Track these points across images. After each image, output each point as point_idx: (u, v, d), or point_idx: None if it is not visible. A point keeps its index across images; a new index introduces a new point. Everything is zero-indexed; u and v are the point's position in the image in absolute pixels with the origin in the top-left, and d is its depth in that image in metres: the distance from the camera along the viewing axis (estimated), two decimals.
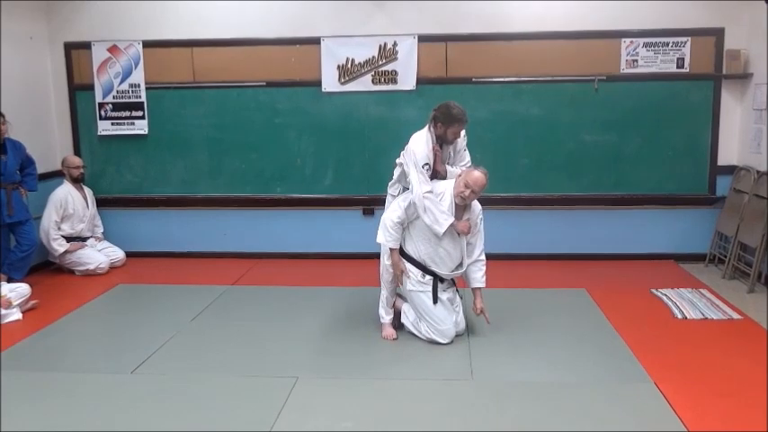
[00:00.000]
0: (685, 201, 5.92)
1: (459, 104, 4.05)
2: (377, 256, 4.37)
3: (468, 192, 3.90)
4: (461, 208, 4.02)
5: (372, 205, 5.95)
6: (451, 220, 3.93)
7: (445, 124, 4.01)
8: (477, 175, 3.91)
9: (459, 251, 4.08)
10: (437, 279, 4.10)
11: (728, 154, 5.83)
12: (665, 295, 4.95)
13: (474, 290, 4.21)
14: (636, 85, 5.78)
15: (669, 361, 3.81)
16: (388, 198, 4.36)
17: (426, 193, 3.92)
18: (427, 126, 4.10)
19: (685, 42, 5.69)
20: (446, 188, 3.99)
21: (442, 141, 4.11)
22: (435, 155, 4.05)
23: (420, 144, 4.03)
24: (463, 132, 4.16)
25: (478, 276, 4.17)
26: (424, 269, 4.09)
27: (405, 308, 4.28)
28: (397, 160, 4.27)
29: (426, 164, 3.99)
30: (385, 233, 4.06)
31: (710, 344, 4.08)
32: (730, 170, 5.78)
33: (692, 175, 5.88)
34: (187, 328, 4.48)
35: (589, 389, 3.51)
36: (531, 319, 4.53)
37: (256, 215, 6.25)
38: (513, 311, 4.67)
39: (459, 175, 3.99)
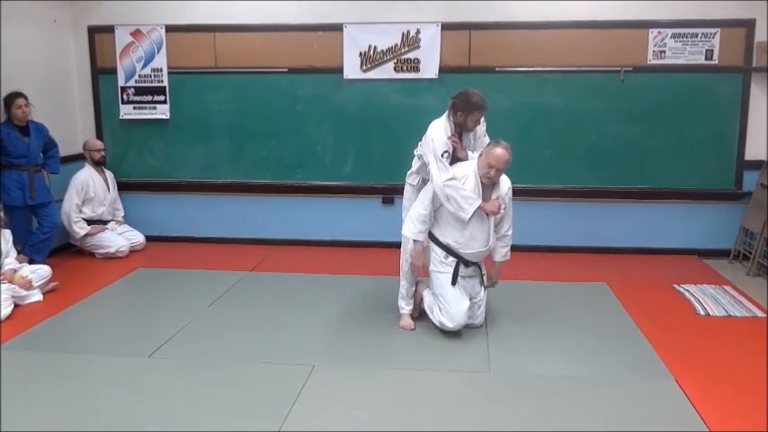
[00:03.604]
0: (711, 195, 5.82)
1: (478, 91, 4.00)
2: (396, 245, 4.34)
3: (492, 171, 3.82)
4: (489, 187, 3.93)
5: (392, 194, 5.89)
6: (478, 203, 3.86)
7: (465, 112, 3.95)
8: (499, 152, 3.81)
9: (487, 233, 3.98)
10: (460, 262, 4.02)
11: (756, 148, 5.71)
12: (688, 291, 4.88)
13: (494, 262, 4.17)
14: (663, 77, 5.67)
15: (691, 358, 3.75)
16: (407, 188, 4.31)
17: (447, 181, 3.86)
18: (446, 114, 4.05)
19: (715, 34, 5.58)
20: (468, 170, 3.91)
21: (461, 129, 4.06)
22: (454, 144, 4.00)
23: (438, 132, 3.97)
24: (483, 119, 4.11)
25: (503, 252, 4.12)
26: (449, 251, 4.02)
27: (426, 292, 4.25)
28: (415, 151, 4.22)
29: (445, 151, 3.93)
30: (411, 225, 4.01)
31: (733, 341, 4.01)
32: (758, 165, 5.66)
33: (719, 169, 5.77)
34: (205, 313, 4.49)
35: (608, 384, 3.46)
36: (551, 313, 4.48)
37: (276, 201, 6.25)
38: (532, 304, 4.64)
39: (481, 155, 3.91)
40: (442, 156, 3.91)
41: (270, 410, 3.15)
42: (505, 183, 4.00)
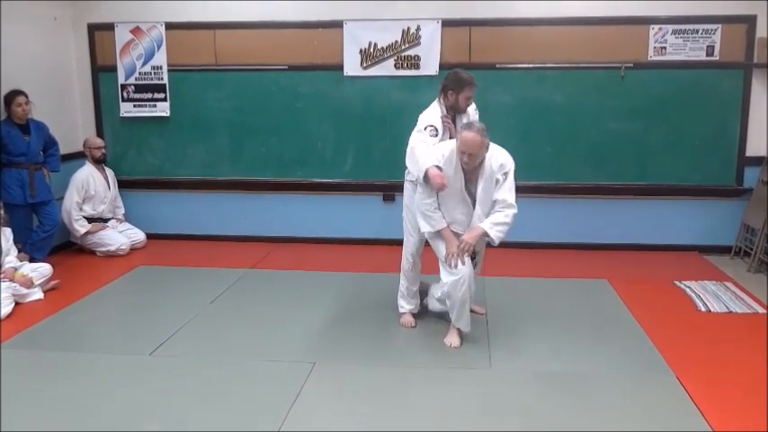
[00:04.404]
0: (712, 192, 5.81)
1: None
2: (397, 242, 4.34)
3: (465, 157, 3.60)
4: (473, 170, 3.71)
5: (393, 191, 5.89)
6: (432, 163, 3.64)
7: (456, 90, 3.95)
8: (469, 136, 3.53)
9: (468, 216, 3.77)
10: None
11: (757, 145, 5.69)
12: (689, 287, 4.87)
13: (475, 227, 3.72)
14: (663, 73, 5.66)
15: (692, 354, 3.75)
16: (406, 185, 4.29)
17: (421, 140, 3.85)
18: (436, 100, 4.06)
19: (716, 30, 5.56)
20: (450, 148, 3.72)
21: (455, 111, 4.05)
22: (446, 125, 3.98)
23: (428, 113, 4.00)
24: (474, 105, 4.11)
25: (492, 221, 3.65)
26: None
27: (432, 290, 4.22)
28: None
29: (430, 125, 3.92)
30: (427, 220, 3.79)
31: (734, 338, 4.01)
32: (758, 161, 5.65)
33: (720, 165, 5.76)
34: (206, 310, 4.49)
35: (609, 381, 3.46)
36: (552, 309, 4.48)
37: (276, 199, 6.24)
38: (532, 301, 4.64)
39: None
40: (425, 129, 3.91)
41: (271, 408, 3.15)
42: (496, 161, 3.66)
